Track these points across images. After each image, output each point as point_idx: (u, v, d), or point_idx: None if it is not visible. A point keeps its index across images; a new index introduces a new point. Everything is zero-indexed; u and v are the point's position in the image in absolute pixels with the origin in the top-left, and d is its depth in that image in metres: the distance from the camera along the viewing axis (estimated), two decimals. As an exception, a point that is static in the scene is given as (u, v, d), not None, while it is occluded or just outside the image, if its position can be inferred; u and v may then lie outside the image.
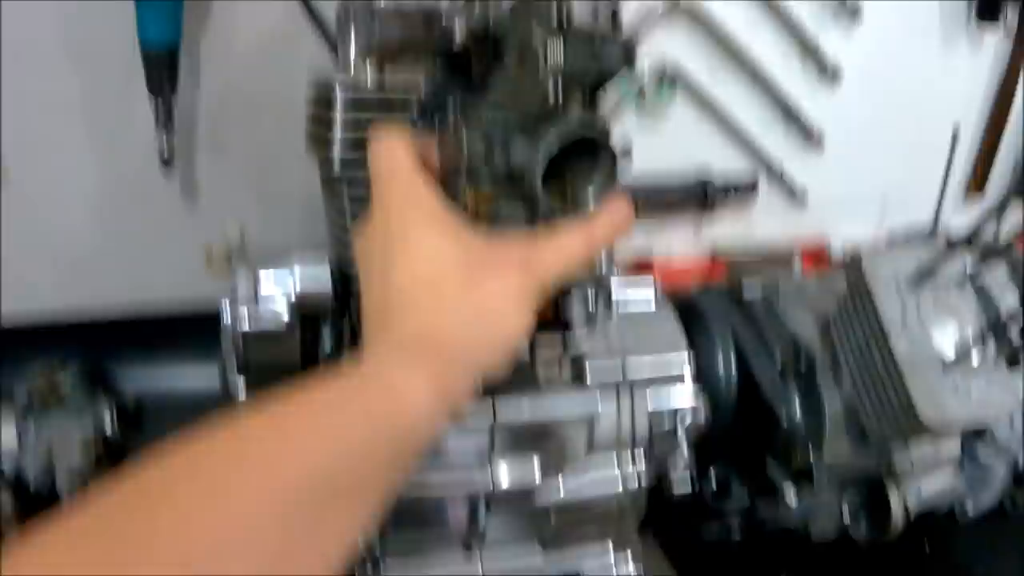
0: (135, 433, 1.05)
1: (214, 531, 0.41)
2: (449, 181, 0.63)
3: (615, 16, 0.60)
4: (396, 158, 0.59)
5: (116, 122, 1.04)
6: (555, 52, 0.57)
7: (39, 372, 1.00)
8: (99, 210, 1.08)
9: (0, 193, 1.03)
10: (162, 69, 0.97)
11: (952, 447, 1.03)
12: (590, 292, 0.77)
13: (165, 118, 0.99)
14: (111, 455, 1.01)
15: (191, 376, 1.07)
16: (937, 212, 1.12)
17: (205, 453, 0.45)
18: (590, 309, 0.78)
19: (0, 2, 0.95)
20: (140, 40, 0.95)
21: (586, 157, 0.59)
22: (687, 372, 0.84)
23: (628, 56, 0.60)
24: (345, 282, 0.78)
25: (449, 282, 0.54)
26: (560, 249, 0.56)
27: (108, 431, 1.01)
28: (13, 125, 1.00)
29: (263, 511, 0.43)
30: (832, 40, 1.15)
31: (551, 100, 0.57)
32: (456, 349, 0.53)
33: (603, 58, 0.59)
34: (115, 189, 1.07)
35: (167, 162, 1.02)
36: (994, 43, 1.28)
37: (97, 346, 1.08)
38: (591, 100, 0.61)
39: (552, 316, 0.78)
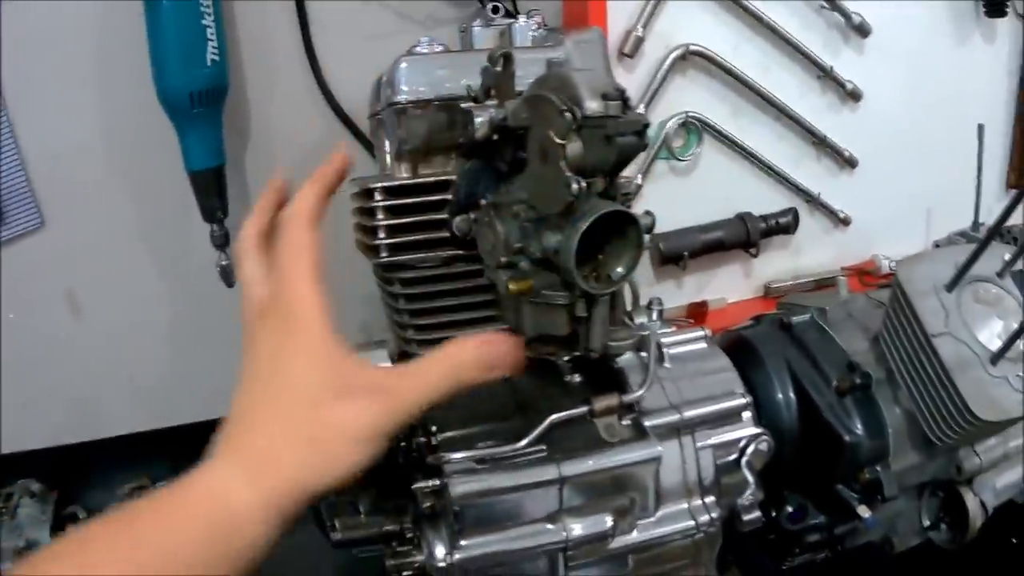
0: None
1: None
2: (488, 271, 0.67)
3: (625, 100, 0.62)
4: (302, 256, 0.60)
5: (176, 248, 1.10)
6: (574, 150, 0.60)
7: (130, 486, 1.03)
8: (169, 329, 1.13)
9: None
10: (211, 193, 1.02)
11: (1019, 437, 1.03)
12: (643, 347, 0.80)
13: (222, 241, 1.05)
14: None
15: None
16: (976, 212, 1.11)
17: (49, 560, 0.48)
18: (643, 363, 0.81)
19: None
20: (187, 167, 1.01)
21: (614, 234, 0.62)
22: (745, 413, 0.85)
23: (641, 136, 0.62)
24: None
25: (303, 405, 0.55)
26: (424, 377, 0.57)
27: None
28: (82, 262, 1.06)
29: None
30: (847, 62, 1.15)
31: (574, 192, 0.59)
32: (292, 469, 0.54)
33: (618, 147, 0.61)
34: (182, 309, 1.13)
35: (230, 283, 1.07)
36: (1008, 32, 1.26)
37: (182, 453, 1.11)
38: (611, 182, 0.64)
39: (606, 374, 0.81)
